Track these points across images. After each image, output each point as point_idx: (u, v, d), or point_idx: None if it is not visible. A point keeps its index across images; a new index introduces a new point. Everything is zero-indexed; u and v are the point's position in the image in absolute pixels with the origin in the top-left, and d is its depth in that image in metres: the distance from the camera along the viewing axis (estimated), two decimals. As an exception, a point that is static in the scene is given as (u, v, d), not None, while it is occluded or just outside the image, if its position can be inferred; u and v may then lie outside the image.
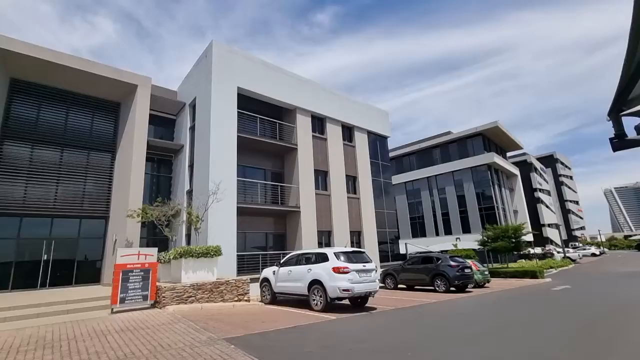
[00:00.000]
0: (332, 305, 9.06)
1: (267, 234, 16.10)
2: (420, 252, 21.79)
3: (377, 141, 21.69)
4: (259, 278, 11.78)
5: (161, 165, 16.57)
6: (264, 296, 11.02)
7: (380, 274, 14.89)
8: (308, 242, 15.33)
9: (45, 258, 12.76)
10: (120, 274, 8.50)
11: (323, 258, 9.33)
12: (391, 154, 31.88)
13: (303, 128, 17.10)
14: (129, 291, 8.57)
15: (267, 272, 11.08)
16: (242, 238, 14.32)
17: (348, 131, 20.00)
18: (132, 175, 12.82)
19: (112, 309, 8.35)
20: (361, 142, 20.24)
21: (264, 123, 16.46)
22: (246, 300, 10.35)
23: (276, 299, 10.68)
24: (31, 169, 12.84)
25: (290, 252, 12.51)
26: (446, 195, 35.73)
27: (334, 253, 9.20)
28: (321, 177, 17.59)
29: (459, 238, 30.57)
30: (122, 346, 5.46)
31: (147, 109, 13.72)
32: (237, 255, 13.09)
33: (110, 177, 14.38)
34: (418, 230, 37.67)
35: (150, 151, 14.13)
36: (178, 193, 15.37)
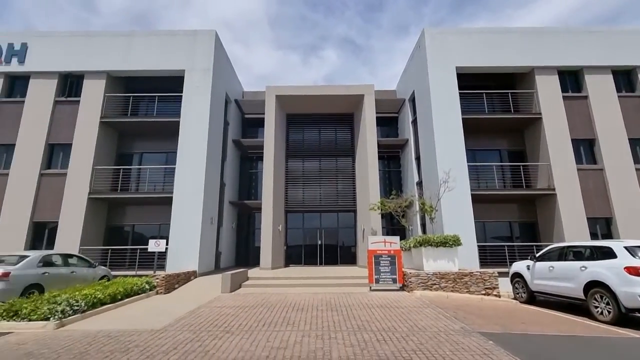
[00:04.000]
0: (628, 318, 6.59)
1: (511, 222, 14.01)
2: None
3: (688, 78, 14.06)
4: (507, 272, 10.41)
5: (390, 161, 18.10)
6: (517, 293, 9.59)
7: None
8: (573, 233, 12.03)
9: (319, 243, 16.91)
10: (373, 258, 9.89)
11: (605, 253, 6.99)
12: None
13: (547, 90, 13.69)
14: (381, 274, 9.82)
15: (519, 267, 9.57)
16: (480, 227, 13.20)
17: (626, 77, 14.19)
18: (369, 174, 14.70)
19: (370, 287, 9.84)
20: (652, 87, 13.79)
21: (492, 97, 14.52)
22: (495, 295, 9.37)
23: (534, 298, 9.02)
24: (304, 177, 17.41)
25: (547, 244, 10.29)
26: None
27: (627, 248, 6.67)
28: (584, 148, 13.41)
29: None
30: (384, 319, 6.28)
31: (374, 113, 15.34)
32: (478, 245, 12.15)
33: (353, 177, 17.16)
34: None
35: (380, 150, 15.71)
36: (409, 185, 16.19)
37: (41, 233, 12.94)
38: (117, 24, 75.03)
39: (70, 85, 14.37)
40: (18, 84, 14.39)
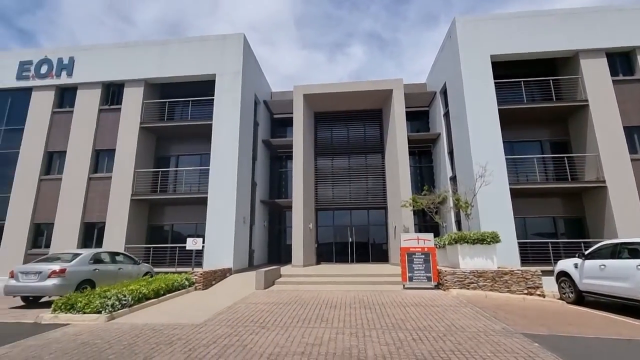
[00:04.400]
0: (698, 323, 5.97)
1: (555, 218, 13.16)
2: None
3: None
4: (552, 271, 9.80)
5: (422, 156, 17.63)
6: (564, 293, 9.00)
7: None
8: (627, 228, 11.07)
9: (350, 240, 16.84)
10: (406, 256, 9.70)
11: (666, 250, 6.37)
12: None
13: (594, 75, 12.68)
14: (415, 272, 9.61)
15: (565, 265, 8.97)
16: (520, 224, 12.52)
17: (685, 56, 12.81)
18: (399, 170, 14.38)
19: (404, 285, 9.66)
20: None
21: (531, 85, 13.70)
22: (539, 295, 8.86)
23: (583, 299, 8.42)
24: (333, 175, 17.39)
25: (597, 241, 9.57)
26: None
27: (692, 243, 6.04)
28: (638, 136, 12.29)
29: None
30: (419, 318, 6.14)
31: (403, 108, 14.97)
32: (518, 243, 11.54)
33: (383, 174, 16.89)
34: None
35: (410, 145, 15.31)
36: (441, 180, 15.68)
37: (91, 232, 13.96)
38: (152, 33, 79.03)
39: (112, 94, 15.35)
40: (67, 95, 15.58)
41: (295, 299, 8.22)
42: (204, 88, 14.85)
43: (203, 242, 12.00)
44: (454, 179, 14.44)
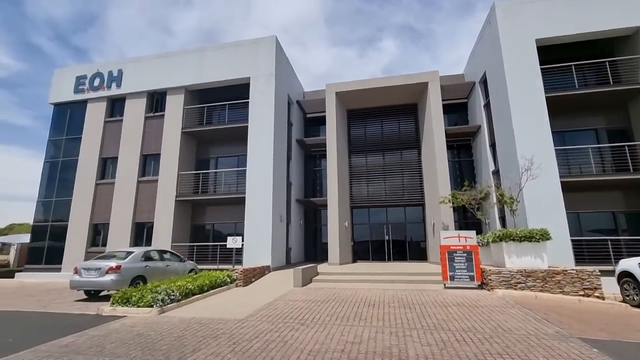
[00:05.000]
0: None
1: (615, 213, 12.03)
2: None
3: None
4: (612, 270, 8.96)
5: (461, 150, 16.87)
6: (627, 295, 8.20)
7: None
8: None
9: (386, 238, 16.56)
10: (446, 254, 9.36)
11: None
12: None
13: (657, 54, 11.39)
14: (456, 270, 9.25)
15: (629, 264, 8.15)
16: (573, 219, 11.60)
17: None
18: (437, 165, 13.87)
19: (445, 285, 9.34)
20: None
21: (583, 69, 12.60)
22: (597, 297, 8.14)
23: (651, 302, 7.62)
24: (368, 172, 17.19)
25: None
26: None
27: None
28: None
29: None
30: (462, 319, 5.90)
31: (440, 101, 14.41)
32: (572, 240, 10.68)
33: (420, 170, 16.41)
34: None
35: (448, 139, 14.73)
36: (483, 175, 14.91)
37: (141, 232, 15.00)
38: (190, 42, 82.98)
39: (156, 102, 16.37)
40: (117, 105, 16.86)
41: (333, 297, 8.25)
42: (239, 91, 15.34)
43: (242, 241, 12.43)
44: (496, 173, 13.67)
